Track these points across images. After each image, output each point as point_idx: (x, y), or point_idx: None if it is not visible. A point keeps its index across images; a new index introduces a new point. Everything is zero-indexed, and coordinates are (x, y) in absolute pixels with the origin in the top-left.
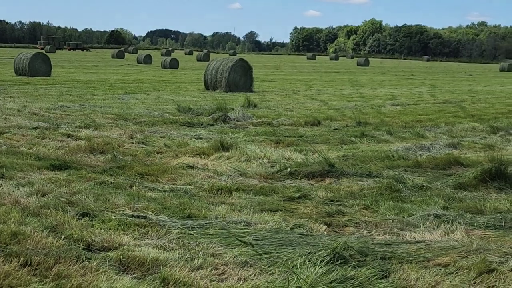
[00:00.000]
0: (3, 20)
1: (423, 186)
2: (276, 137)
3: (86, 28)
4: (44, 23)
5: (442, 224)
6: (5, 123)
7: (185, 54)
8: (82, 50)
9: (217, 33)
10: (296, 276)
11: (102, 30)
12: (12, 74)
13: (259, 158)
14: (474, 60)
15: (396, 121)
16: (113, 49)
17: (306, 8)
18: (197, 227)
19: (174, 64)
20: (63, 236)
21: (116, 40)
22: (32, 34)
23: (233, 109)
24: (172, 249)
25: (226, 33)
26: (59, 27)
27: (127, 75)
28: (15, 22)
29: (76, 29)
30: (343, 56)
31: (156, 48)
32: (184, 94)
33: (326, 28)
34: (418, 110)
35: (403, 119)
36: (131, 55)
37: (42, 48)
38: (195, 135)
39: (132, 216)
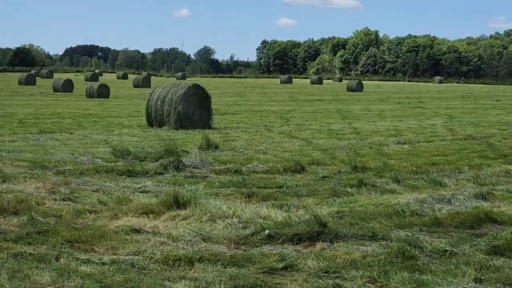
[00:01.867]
0: None
1: (446, 251)
2: (247, 189)
3: None
4: None
5: None
6: None
7: (118, 78)
8: None
9: (159, 49)
10: None
11: (4, 47)
12: None
13: (227, 217)
14: (502, 81)
15: (403, 165)
16: (20, 72)
17: (277, 15)
18: None
19: (103, 92)
20: None
21: (24, 61)
22: None
23: (187, 152)
24: None
25: (172, 49)
26: None
27: (41, 107)
28: None
29: None
30: (328, 78)
31: (79, 70)
32: (120, 133)
33: (304, 42)
34: (431, 150)
35: (412, 162)
36: (45, 80)
37: None
38: (139, 188)
39: None
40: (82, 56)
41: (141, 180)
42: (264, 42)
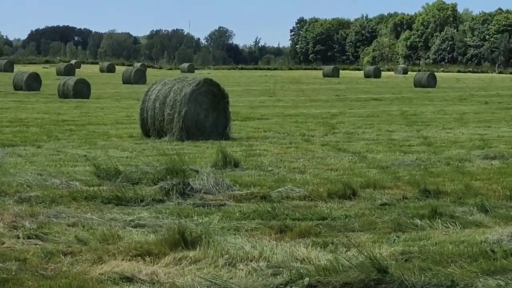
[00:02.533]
0: None
1: None
2: (278, 222)
3: None
4: None
5: None
6: None
7: (102, 71)
8: None
9: (157, 32)
10: None
11: None
12: None
13: (251, 261)
14: None
15: (493, 188)
16: None
17: None
18: None
19: (82, 90)
20: None
21: None
22: None
23: (197, 171)
24: None
25: (175, 31)
26: None
27: None
28: None
29: None
30: (388, 69)
31: (48, 61)
32: (104, 146)
33: (356, 20)
34: None
35: (505, 184)
36: (3, 75)
37: None
38: (132, 221)
39: None
40: (52, 41)
41: (134, 210)
42: (300, 20)
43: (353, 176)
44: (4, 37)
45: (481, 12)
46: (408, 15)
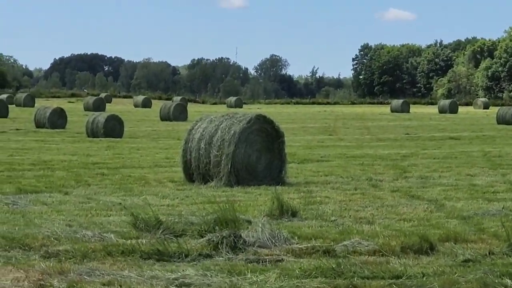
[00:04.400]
0: None
1: None
2: (345, 280)
3: None
4: None
5: None
6: None
7: (136, 105)
8: None
9: (199, 60)
10: None
11: None
12: None
13: None
14: None
15: None
16: None
17: (384, 4)
18: None
19: (113, 128)
20: None
21: None
22: None
23: (249, 222)
24: None
25: (219, 60)
26: None
27: (18, 152)
28: None
29: None
30: (467, 103)
31: (74, 94)
32: (143, 192)
33: (428, 47)
34: None
35: None
36: (23, 110)
37: None
38: (176, 279)
39: None
40: (78, 71)
41: (179, 267)
42: (364, 47)
43: (430, 228)
44: (24, 66)
45: None
46: (489, 40)
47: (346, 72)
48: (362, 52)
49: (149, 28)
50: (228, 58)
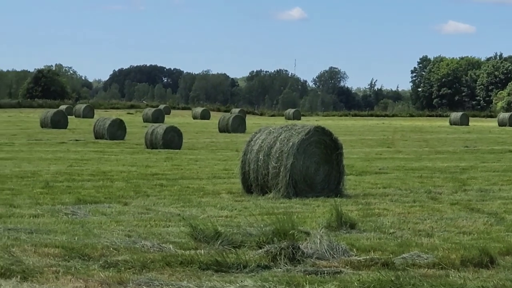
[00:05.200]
0: None
1: None
2: None
3: None
4: None
5: None
6: None
7: (195, 117)
8: None
9: (258, 72)
10: None
11: (19, 69)
12: None
13: None
14: None
15: None
16: (42, 108)
17: (442, 17)
18: None
19: (172, 140)
20: None
21: (48, 90)
22: None
23: (308, 233)
24: None
25: (278, 72)
26: None
27: (77, 163)
28: None
29: None
30: None
31: (133, 105)
32: (201, 203)
33: (488, 60)
34: None
35: None
36: (82, 121)
37: None
38: None
39: None
40: (138, 83)
41: (237, 278)
42: (423, 60)
43: (490, 241)
44: (83, 78)
45: None
46: None
47: (404, 84)
48: (421, 65)
49: (208, 40)
50: (286, 70)
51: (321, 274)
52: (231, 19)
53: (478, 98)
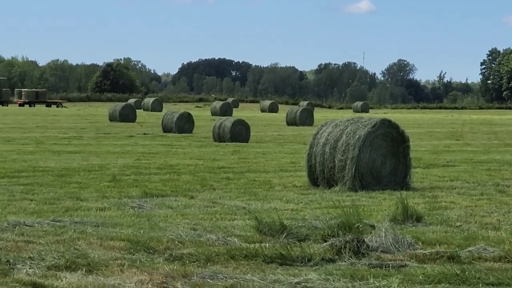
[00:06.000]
0: None
1: None
2: (469, 287)
3: (58, 61)
4: None
5: None
6: None
7: (263, 110)
8: (49, 105)
9: (326, 65)
10: None
11: (88, 63)
12: None
13: None
14: None
15: None
16: (111, 101)
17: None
18: None
19: (240, 133)
20: None
21: (117, 84)
22: None
23: (373, 226)
24: None
25: (346, 65)
26: None
27: (145, 156)
28: None
29: (36, 63)
30: None
31: (202, 99)
32: (267, 197)
33: None
34: None
35: None
36: (151, 114)
37: None
38: (298, 284)
39: None
40: (206, 76)
41: (301, 271)
42: (493, 52)
43: None
44: (152, 71)
45: None
46: None
47: (474, 76)
48: (490, 57)
49: (276, 33)
50: (355, 63)
51: (385, 267)
52: (300, 12)
53: None
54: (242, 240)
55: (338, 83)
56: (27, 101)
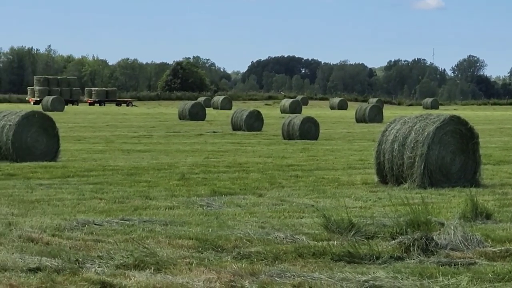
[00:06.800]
0: None
1: None
2: None
3: (128, 59)
4: (40, 50)
5: None
6: None
7: (332, 107)
8: (119, 103)
9: (395, 62)
10: None
11: (158, 61)
12: None
13: None
14: None
15: None
16: (181, 100)
17: None
18: None
19: (309, 131)
20: None
21: (187, 82)
22: (15, 72)
23: (442, 224)
24: None
25: (416, 61)
26: (69, 57)
27: (213, 154)
28: None
29: (106, 62)
30: None
31: (271, 96)
32: (335, 194)
33: None
34: None
35: None
36: (221, 113)
37: (35, 102)
38: (366, 282)
39: None
40: (276, 74)
41: (369, 269)
42: None
43: None
44: (221, 70)
45: None
46: None
47: None
48: None
49: (345, 30)
50: (424, 59)
51: (454, 265)
52: (369, 9)
53: None
54: (310, 238)
55: (408, 80)
56: (97, 100)
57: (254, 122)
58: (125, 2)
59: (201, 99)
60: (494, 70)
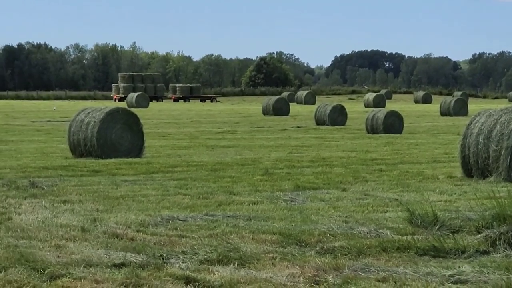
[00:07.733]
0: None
1: None
2: None
3: (212, 55)
4: (125, 47)
5: None
6: (58, 256)
7: (416, 101)
8: (203, 99)
9: (480, 55)
10: None
11: (241, 57)
12: (68, 155)
13: None
14: None
15: None
16: (265, 95)
17: None
18: None
19: (393, 124)
20: None
21: (270, 78)
22: (100, 69)
23: None
24: None
25: (501, 54)
26: (153, 54)
27: (297, 149)
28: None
29: (190, 58)
30: None
31: (355, 91)
32: (419, 188)
33: None
34: None
35: None
36: (304, 107)
37: (120, 99)
38: (451, 276)
39: None
40: (359, 68)
41: (454, 264)
42: None
43: None
44: (305, 64)
45: None
46: None
47: None
48: None
49: (430, 23)
50: (509, 52)
51: None
52: (453, 1)
53: None
54: (394, 232)
55: (493, 73)
56: (181, 96)
57: (338, 116)
58: None
59: (284, 94)
60: None
